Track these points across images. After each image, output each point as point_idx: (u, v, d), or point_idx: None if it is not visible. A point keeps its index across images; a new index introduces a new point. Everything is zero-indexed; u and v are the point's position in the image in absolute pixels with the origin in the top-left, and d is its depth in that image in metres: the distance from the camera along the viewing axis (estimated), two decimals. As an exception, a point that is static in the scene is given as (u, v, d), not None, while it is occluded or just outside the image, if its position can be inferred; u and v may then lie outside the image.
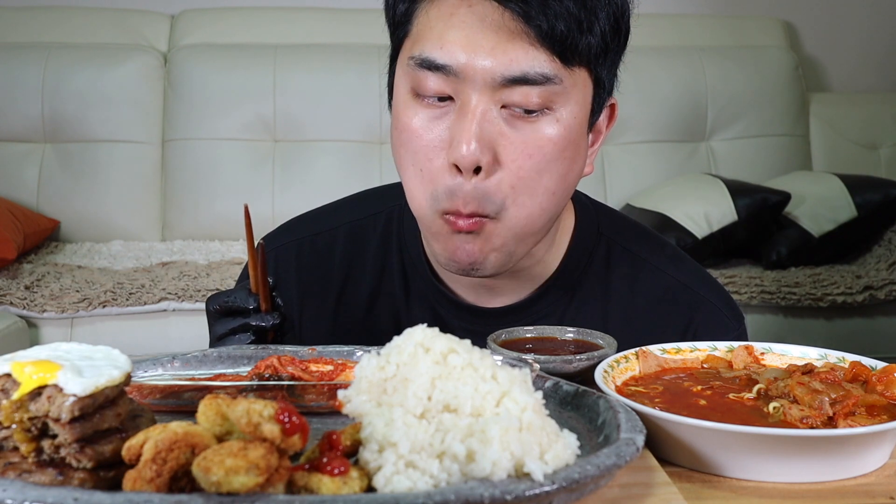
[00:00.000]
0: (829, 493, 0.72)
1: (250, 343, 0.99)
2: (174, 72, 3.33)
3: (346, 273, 1.19)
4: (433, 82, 0.97)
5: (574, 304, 1.16)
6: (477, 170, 0.96)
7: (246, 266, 1.26)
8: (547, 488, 0.60)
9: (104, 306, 2.54)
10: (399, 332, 1.15)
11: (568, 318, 1.15)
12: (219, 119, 3.29)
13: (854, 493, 0.72)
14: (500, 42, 0.94)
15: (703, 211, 2.93)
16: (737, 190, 2.98)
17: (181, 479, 0.59)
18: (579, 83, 0.99)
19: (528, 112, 0.96)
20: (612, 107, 1.11)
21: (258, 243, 0.97)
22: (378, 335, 1.15)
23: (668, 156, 3.43)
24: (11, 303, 2.51)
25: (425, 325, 0.72)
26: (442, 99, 0.98)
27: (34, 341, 2.50)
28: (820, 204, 2.98)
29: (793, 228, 2.97)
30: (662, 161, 3.42)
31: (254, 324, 0.98)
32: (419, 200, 1.01)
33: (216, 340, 1.01)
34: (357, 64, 3.31)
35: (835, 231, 2.96)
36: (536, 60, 0.95)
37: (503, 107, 0.96)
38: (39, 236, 3.07)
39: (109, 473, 0.63)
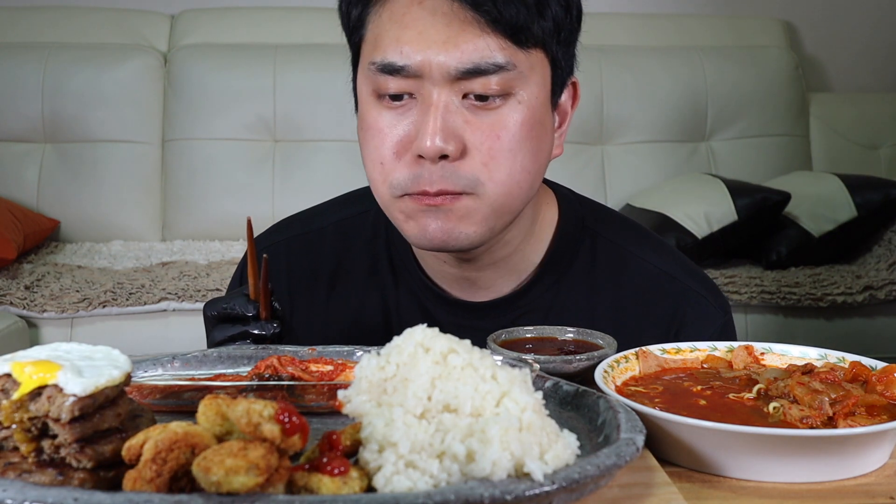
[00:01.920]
0: (829, 493, 0.72)
1: None
2: (174, 72, 3.33)
3: (335, 269, 1.21)
4: (394, 84, 1.00)
5: (560, 297, 1.17)
6: (443, 157, 0.99)
7: (235, 273, 1.27)
8: (547, 488, 0.60)
9: (104, 306, 2.54)
10: (388, 327, 1.19)
11: (555, 310, 1.16)
12: (219, 119, 3.29)
13: (854, 493, 0.72)
14: (452, 35, 0.97)
15: (703, 211, 2.93)
16: (737, 190, 2.98)
17: (181, 479, 0.59)
18: (536, 65, 1.02)
19: (489, 98, 0.99)
20: (574, 85, 1.13)
21: (263, 256, 0.97)
22: (368, 329, 1.18)
23: (668, 156, 3.43)
24: (11, 303, 2.51)
25: (425, 325, 0.72)
26: (403, 97, 1.01)
27: (34, 341, 2.50)
28: (820, 204, 2.98)
29: (793, 228, 2.97)
30: (662, 161, 3.42)
31: (254, 332, 0.98)
32: (381, 192, 1.05)
33: (214, 346, 1.01)
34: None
35: (835, 231, 2.96)
36: (489, 49, 0.97)
37: (465, 96, 0.99)
38: (39, 236, 3.07)
39: (109, 473, 0.63)
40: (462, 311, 1.16)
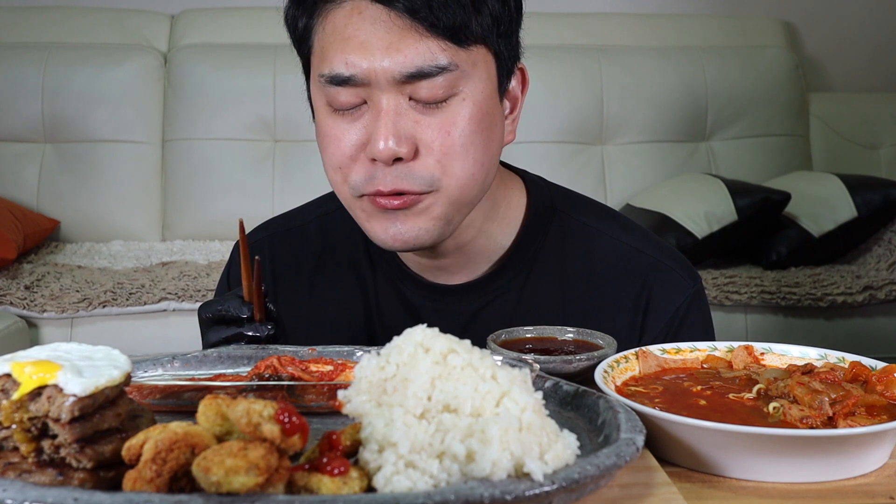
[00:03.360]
0: (829, 493, 0.72)
1: None
2: (174, 72, 3.32)
3: (317, 262, 1.25)
4: (344, 95, 1.03)
5: (532, 279, 1.19)
6: (398, 160, 1.02)
7: (223, 276, 1.30)
8: (547, 488, 0.60)
9: (104, 306, 2.53)
10: (369, 314, 1.22)
11: (527, 292, 1.19)
12: (219, 119, 3.28)
13: (854, 493, 0.72)
14: (394, 41, 1.00)
15: (703, 211, 2.92)
16: (737, 190, 2.98)
17: (181, 479, 0.59)
18: (479, 61, 1.04)
19: (436, 99, 1.02)
20: (522, 71, 1.15)
21: (255, 259, 0.99)
22: (350, 317, 1.22)
23: (668, 156, 3.43)
24: (11, 303, 2.51)
25: (425, 325, 0.72)
26: (355, 105, 1.03)
27: (34, 341, 2.50)
28: (820, 204, 2.98)
29: (793, 228, 2.97)
30: (662, 161, 3.42)
31: (249, 334, 1.00)
32: (342, 194, 1.08)
33: (209, 348, 1.02)
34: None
35: (835, 231, 2.96)
36: (430, 52, 1.00)
37: (412, 98, 1.02)
38: (39, 236, 3.07)
39: (109, 473, 0.63)
40: (437, 295, 1.20)
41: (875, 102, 3.71)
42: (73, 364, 0.64)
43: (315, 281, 1.25)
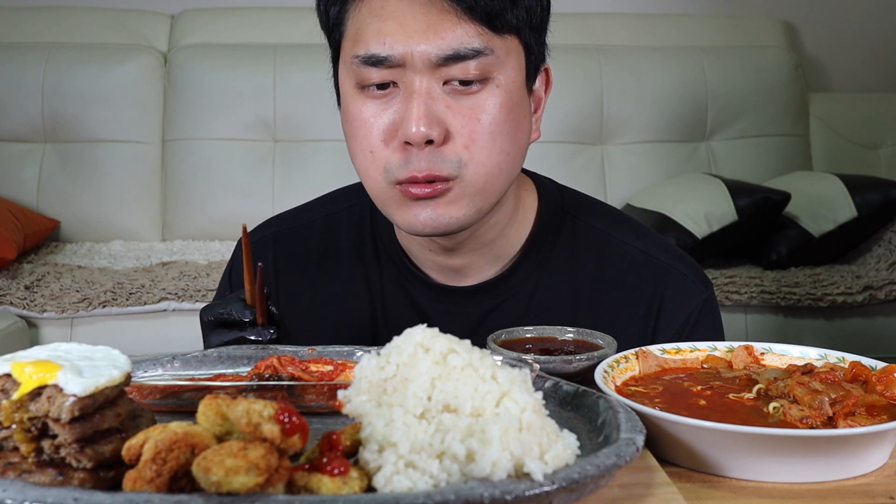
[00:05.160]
0: (829, 493, 0.72)
1: None
2: (174, 72, 3.32)
3: (321, 261, 1.25)
4: (377, 74, 1.03)
5: (543, 281, 1.19)
6: (429, 143, 1.02)
7: (224, 277, 1.29)
8: (547, 488, 0.60)
9: (104, 306, 2.53)
10: (374, 315, 1.21)
11: (537, 294, 1.18)
12: (219, 119, 3.28)
13: (854, 493, 0.72)
14: (432, 23, 1.01)
15: (703, 211, 2.92)
16: (737, 190, 2.98)
17: (181, 479, 0.59)
18: (512, 50, 1.06)
19: (470, 83, 1.03)
20: (547, 72, 1.16)
21: (258, 265, 0.99)
22: (354, 318, 1.21)
23: (668, 156, 3.43)
24: (11, 303, 2.51)
25: (425, 325, 0.72)
26: (386, 86, 1.04)
27: (34, 341, 2.50)
28: (820, 204, 2.98)
29: (793, 228, 2.96)
30: (662, 161, 3.42)
31: (251, 338, 1.00)
32: (374, 179, 1.07)
33: None
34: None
35: (835, 231, 2.96)
36: (467, 35, 1.01)
37: (445, 83, 1.03)
38: (39, 236, 3.07)
39: (109, 473, 0.63)
40: (446, 297, 1.19)
41: (875, 102, 3.71)
42: (73, 364, 0.64)
43: (318, 280, 1.24)
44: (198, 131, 3.28)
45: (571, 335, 1.04)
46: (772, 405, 0.80)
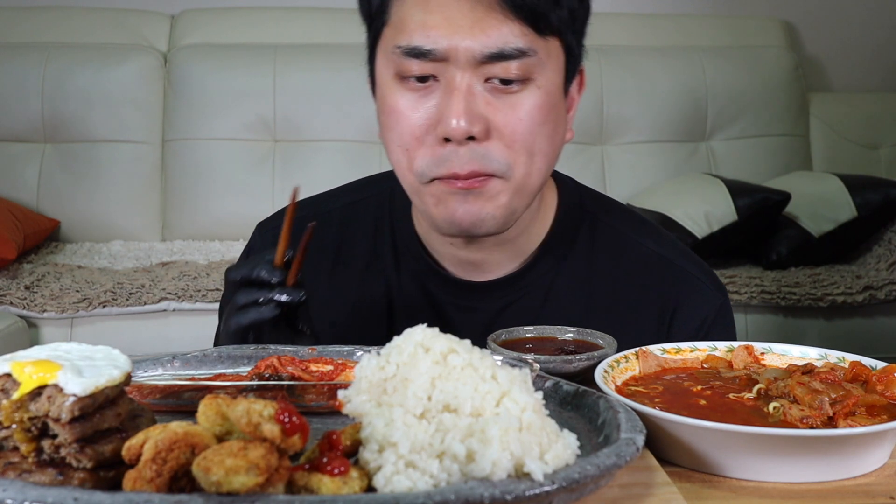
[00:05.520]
0: (829, 493, 0.72)
1: (272, 317, 0.98)
2: (174, 72, 3.32)
3: (338, 251, 1.23)
4: (417, 67, 1.01)
5: (560, 278, 1.18)
6: (469, 139, 1.01)
7: (242, 256, 1.26)
8: (547, 488, 0.60)
9: (104, 306, 2.53)
10: (390, 308, 1.20)
11: (554, 291, 1.18)
12: (219, 119, 3.28)
13: (854, 493, 0.72)
14: (478, 19, 0.99)
15: (703, 211, 2.93)
16: (737, 190, 2.98)
17: (181, 479, 0.58)
18: (553, 52, 1.05)
19: (510, 83, 1.01)
20: (581, 73, 1.16)
21: (311, 224, 0.98)
22: (370, 310, 1.20)
23: (668, 156, 3.43)
24: (11, 303, 2.51)
25: (425, 324, 0.72)
26: (426, 79, 1.02)
27: (34, 341, 2.50)
28: (820, 204, 2.98)
29: (793, 228, 2.97)
30: (662, 161, 3.42)
31: (282, 298, 0.97)
32: (409, 178, 1.06)
33: (237, 310, 1.00)
34: (357, 64, 3.29)
35: (835, 231, 2.96)
36: (512, 35, 1.00)
37: (486, 80, 1.01)
38: (39, 236, 3.07)
39: (109, 473, 0.63)
40: (464, 292, 1.18)
41: (875, 102, 3.71)
42: (73, 364, 0.64)
43: (335, 273, 1.23)
44: (198, 131, 3.28)
45: (571, 335, 1.04)
46: (772, 405, 0.80)
